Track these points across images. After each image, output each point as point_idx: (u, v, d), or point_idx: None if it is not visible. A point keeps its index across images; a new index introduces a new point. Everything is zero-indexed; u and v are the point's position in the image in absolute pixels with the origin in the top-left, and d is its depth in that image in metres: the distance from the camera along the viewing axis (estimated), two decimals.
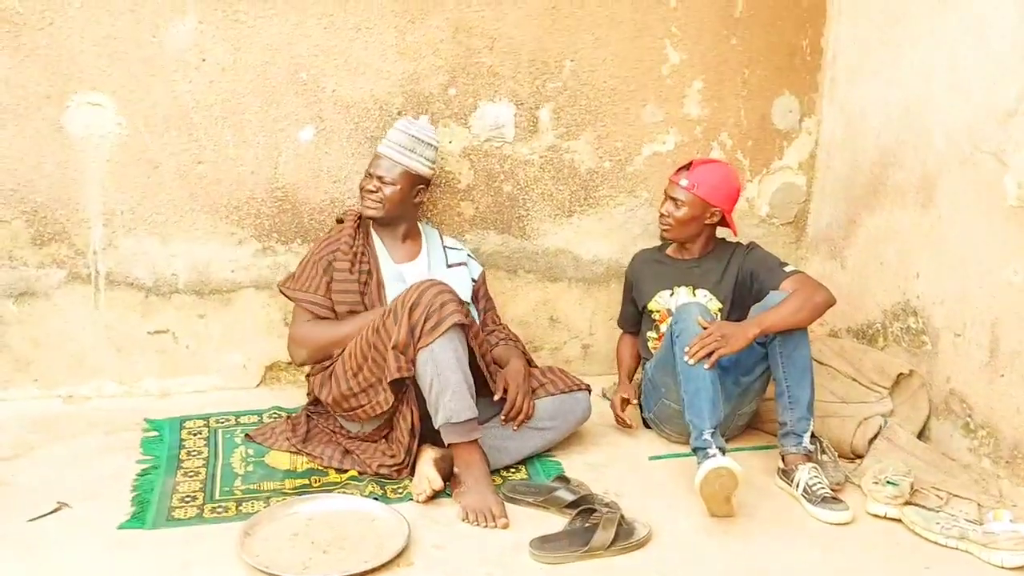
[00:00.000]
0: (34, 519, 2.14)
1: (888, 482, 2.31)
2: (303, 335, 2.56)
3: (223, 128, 2.80)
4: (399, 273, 2.65)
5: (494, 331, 2.78)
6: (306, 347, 2.56)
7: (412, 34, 2.89)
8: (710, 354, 2.36)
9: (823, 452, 2.53)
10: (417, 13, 2.87)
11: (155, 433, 2.64)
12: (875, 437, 2.64)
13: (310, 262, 2.62)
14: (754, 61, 3.20)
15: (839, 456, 2.59)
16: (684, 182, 2.70)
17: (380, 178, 2.62)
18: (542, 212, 3.15)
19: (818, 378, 2.57)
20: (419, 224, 2.79)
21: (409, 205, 2.68)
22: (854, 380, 2.78)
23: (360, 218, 2.69)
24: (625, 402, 2.76)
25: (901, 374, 2.73)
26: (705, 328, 2.41)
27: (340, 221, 2.71)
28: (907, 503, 2.31)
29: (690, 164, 2.74)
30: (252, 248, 2.92)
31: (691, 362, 2.37)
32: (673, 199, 2.71)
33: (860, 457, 2.62)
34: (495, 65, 2.98)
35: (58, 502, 2.21)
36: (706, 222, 2.74)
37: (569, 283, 3.22)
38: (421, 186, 2.68)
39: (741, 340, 2.38)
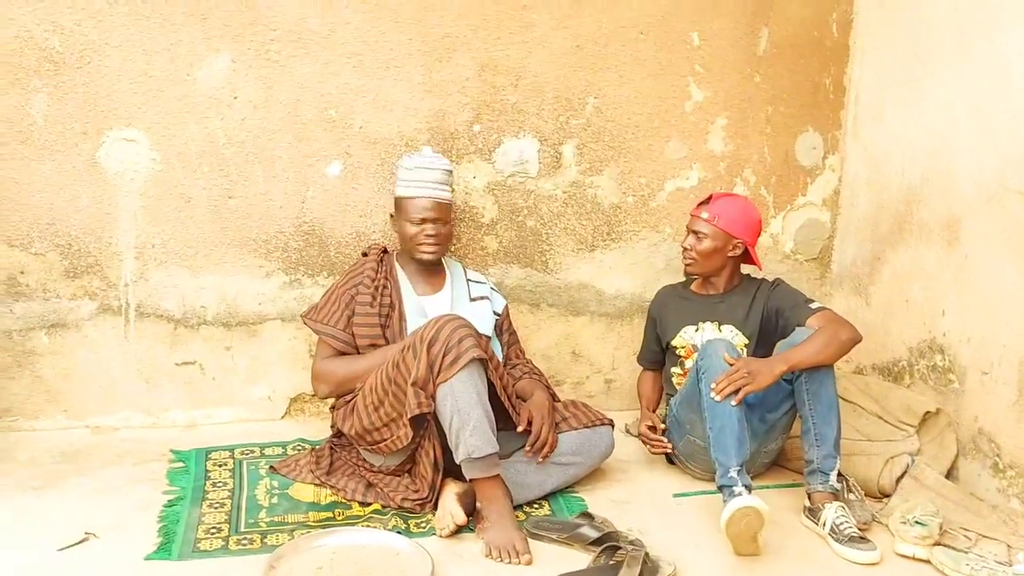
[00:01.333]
0: (62, 549, 2.16)
1: (916, 522, 2.29)
2: (324, 371, 2.58)
3: (254, 164, 2.85)
4: (421, 306, 2.67)
5: (517, 364, 2.79)
6: (327, 383, 2.58)
7: (439, 72, 2.94)
8: (737, 391, 2.35)
9: (849, 490, 2.51)
10: (444, 52, 2.93)
11: (181, 464, 2.67)
12: (902, 476, 2.61)
13: (333, 295, 2.65)
14: (778, 98, 3.22)
15: (865, 495, 2.57)
16: (705, 215, 2.71)
17: (435, 221, 2.65)
18: (565, 246, 3.17)
19: (844, 415, 2.55)
20: (443, 257, 2.82)
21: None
22: (880, 418, 2.76)
23: (384, 252, 2.73)
24: (652, 428, 2.75)
25: (928, 412, 2.70)
26: (732, 364, 2.41)
27: (365, 255, 2.75)
28: (936, 544, 2.28)
29: (710, 197, 2.76)
30: (279, 281, 2.96)
31: (718, 399, 2.36)
32: (695, 232, 2.73)
33: (887, 496, 2.60)
34: (520, 102, 3.03)
35: (86, 532, 2.23)
36: (729, 254, 2.74)
37: (592, 317, 3.23)
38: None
39: (768, 377, 2.38)
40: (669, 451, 2.68)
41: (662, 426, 2.76)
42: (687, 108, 3.16)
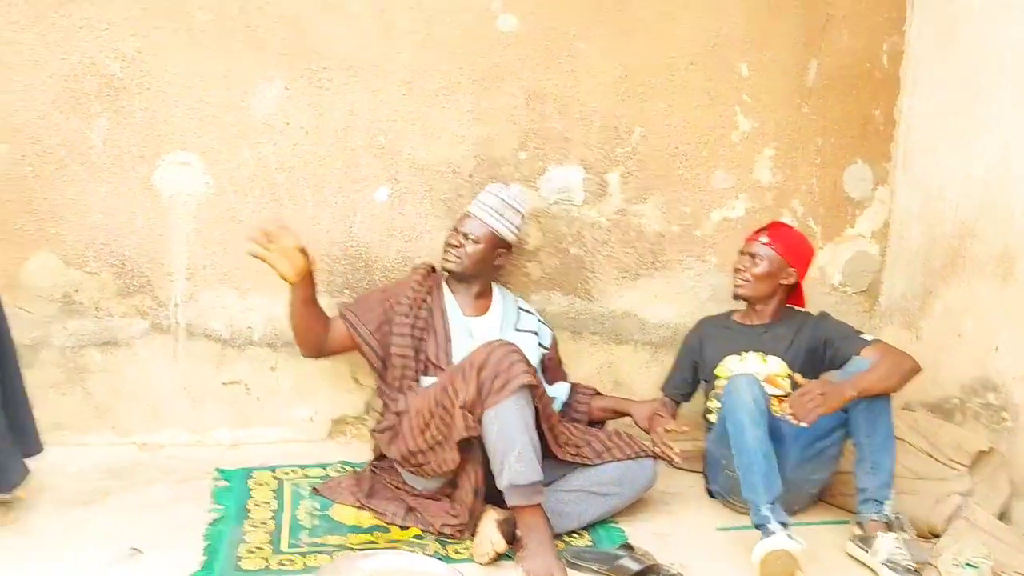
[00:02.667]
0: (108, 564, 2.20)
1: (967, 564, 2.23)
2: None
3: (303, 188, 2.90)
4: (468, 327, 2.69)
5: (576, 385, 2.88)
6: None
7: (487, 100, 2.97)
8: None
9: (901, 528, 2.44)
10: (493, 81, 2.96)
11: (225, 483, 2.70)
12: (953, 516, 2.54)
13: (374, 294, 2.74)
14: (827, 129, 3.20)
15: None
16: (764, 239, 2.74)
17: (466, 235, 2.69)
18: (608, 274, 3.16)
19: None
20: (493, 285, 2.84)
21: (488, 266, 2.74)
22: (930, 456, 2.70)
23: (432, 270, 2.75)
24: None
25: (980, 451, 2.64)
26: (803, 385, 2.40)
27: (415, 270, 2.79)
28: None
29: (769, 225, 2.79)
30: (325, 304, 2.96)
31: (794, 422, 2.36)
32: (751, 255, 2.73)
33: (936, 536, 2.53)
34: (566, 130, 3.04)
35: (131, 548, 2.26)
36: (781, 282, 2.74)
37: (635, 346, 3.22)
38: (502, 250, 2.75)
39: (837, 400, 2.36)
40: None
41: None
42: (734, 138, 3.15)
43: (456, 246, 2.70)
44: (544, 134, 3.03)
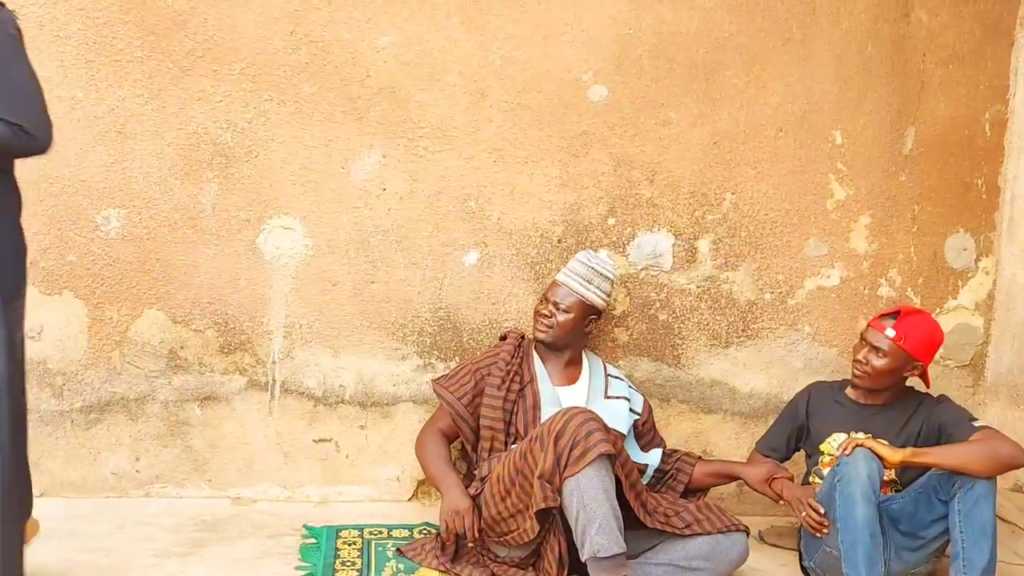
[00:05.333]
0: None
1: None
2: (421, 445, 2.75)
3: (396, 251, 2.99)
4: (556, 396, 2.68)
5: (676, 451, 2.87)
6: (416, 451, 2.77)
7: (575, 167, 3.02)
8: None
9: None
10: (580, 147, 3.01)
11: (313, 540, 2.74)
12: None
13: (465, 368, 2.75)
14: (924, 198, 3.13)
15: None
16: (891, 333, 2.57)
17: (556, 304, 2.72)
18: (697, 342, 3.13)
19: (999, 536, 2.36)
20: (583, 352, 2.84)
21: (579, 334, 2.75)
22: None
23: (523, 339, 2.77)
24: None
25: None
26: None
27: (503, 338, 2.80)
28: None
29: (898, 312, 2.63)
30: (413, 364, 3.04)
31: (837, 452, 2.36)
32: (875, 348, 2.59)
33: None
34: (654, 196, 3.06)
35: None
36: (904, 374, 2.62)
37: (724, 416, 3.15)
38: (593, 316, 2.76)
39: (887, 450, 2.34)
40: (826, 532, 2.47)
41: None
42: (828, 206, 3.10)
43: (547, 316, 2.72)
44: (633, 200, 3.05)
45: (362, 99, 2.91)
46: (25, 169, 2.18)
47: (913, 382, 2.73)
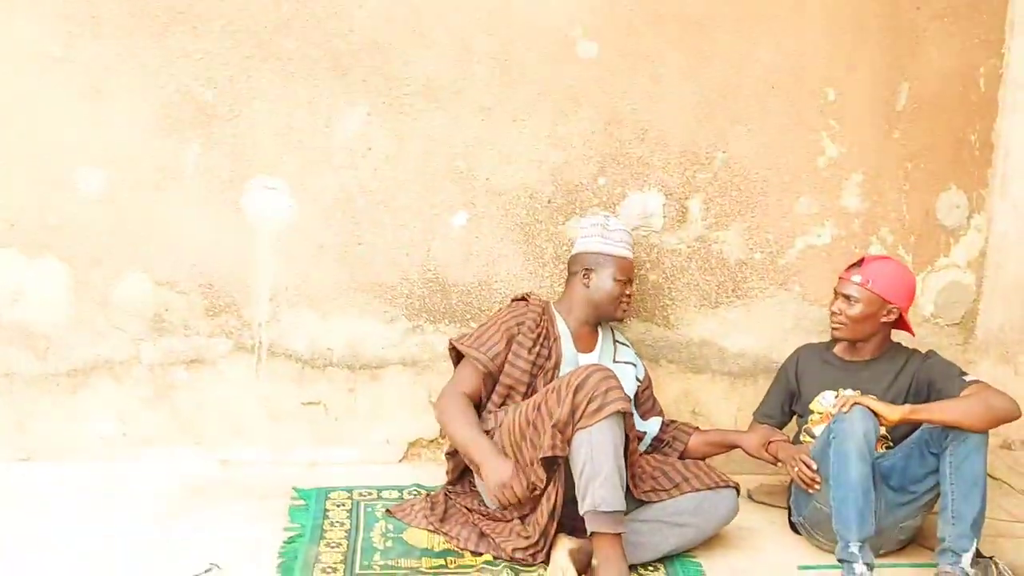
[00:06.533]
0: None
1: None
2: (446, 410, 2.55)
3: (383, 212, 2.95)
4: (576, 360, 2.67)
5: (675, 421, 2.85)
6: (440, 414, 2.58)
7: (564, 126, 2.97)
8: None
9: (1000, 575, 2.30)
10: (570, 106, 2.96)
11: (302, 502, 2.73)
12: None
13: (494, 325, 2.64)
14: (917, 155, 3.09)
15: None
16: (857, 278, 2.59)
17: (632, 282, 2.75)
18: (687, 302, 3.11)
19: (990, 494, 2.37)
20: None
21: None
22: None
23: (546, 303, 2.74)
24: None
25: None
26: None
27: (521, 299, 2.74)
28: None
29: (861, 260, 2.64)
30: (403, 327, 3.02)
31: (833, 410, 2.34)
32: (846, 296, 2.60)
33: None
34: (645, 155, 3.02)
35: (210, 563, 2.31)
36: (882, 320, 2.61)
37: (713, 376, 3.14)
38: None
39: (885, 407, 2.33)
40: (818, 488, 2.48)
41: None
42: (820, 163, 3.07)
43: (630, 295, 2.74)
44: (623, 159, 3.01)
45: (346, 56, 2.85)
46: (2, 130, 2.14)
47: (900, 338, 2.72)
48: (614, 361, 2.77)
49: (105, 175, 2.82)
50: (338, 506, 2.72)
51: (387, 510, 2.67)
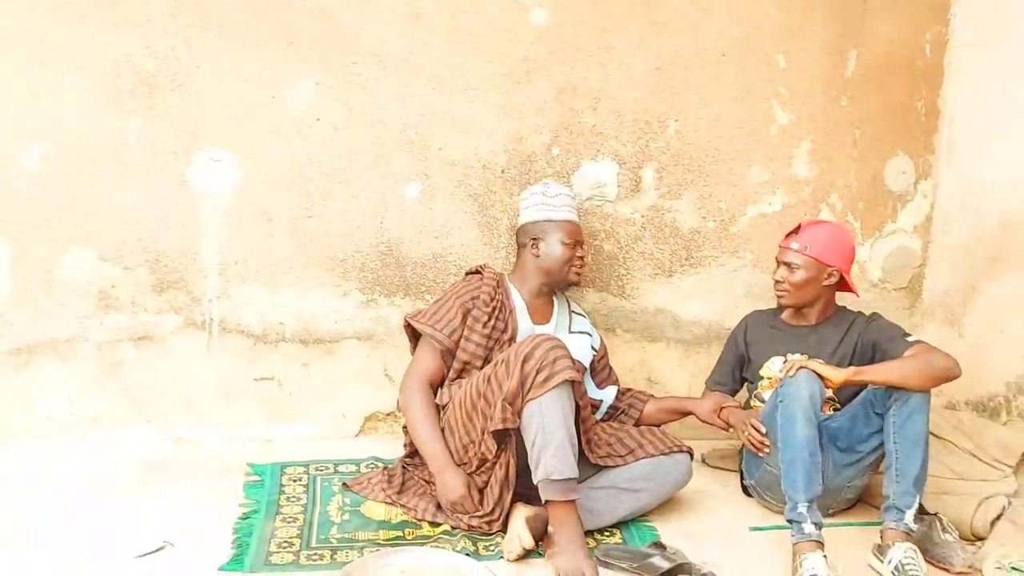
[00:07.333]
0: (140, 556, 2.22)
1: (1013, 568, 2.16)
2: (409, 404, 2.54)
3: (334, 184, 2.91)
4: (533, 333, 2.66)
5: (630, 390, 2.88)
6: (403, 408, 2.58)
7: (517, 95, 2.95)
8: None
9: (944, 530, 2.37)
10: (522, 75, 2.94)
11: (257, 478, 2.71)
12: (998, 518, 2.46)
13: (448, 301, 2.62)
14: (865, 122, 3.13)
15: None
16: (795, 245, 2.63)
17: (582, 244, 2.74)
18: (642, 271, 3.12)
19: (934, 452, 2.44)
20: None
21: None
22: (974, 456, 2.62)
23: (500, 276, 2.73)
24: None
25: None
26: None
27: (475, 272, 2.73)
28: None
29: (798, 227, 2.68)
30: (356, 300, 2.99)
31: (780, 374, 2.38)
32: (786, 264, 2.64)
33: (980, 539, 2.45)
34: (598, 125, 3.01)
35: (163, 541, 2.28)
36: (824, 284, 2.65)
37: (668, 344, 3.17)
38: None
39: (830, 369, 2.37)
40: (768, 452, 2.52)
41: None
42: (771, 131, 3.09)
43: (583, 257, 2.73)
44: (576, 129, 3.00)
45: (292, 23, 2.79)
46: None
47: (845, 301, 2.77)
48: (570, 331, 2.77)
49: (45, 148, 2.74)
50: (294, 481, 2.70)
51: (344, 484, 2.66)
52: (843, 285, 2.68)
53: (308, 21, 2.80)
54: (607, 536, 2.44)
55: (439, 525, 2.45)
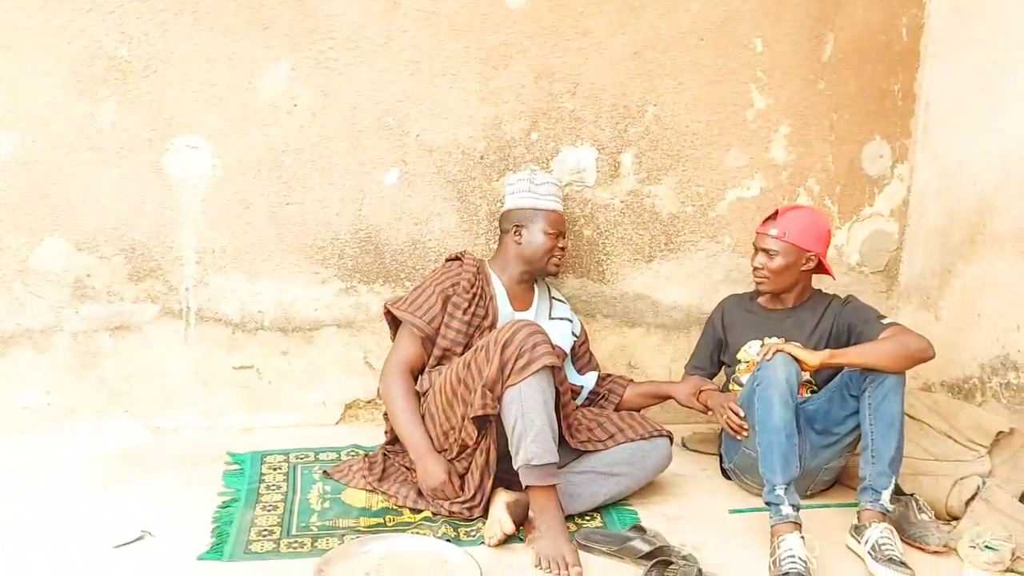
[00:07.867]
0: (119, 546, 2.20)
1: (987, 547, 2.18)
2: (390, 393, 2.54)
3: (311, 171, 2.89)
4: (513, 319, 2.66)
5: (610, 375, 2.89)
6: (383, 395, 2.58)
7: (495, 80, 2.94)
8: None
9: (920, 511, 2.40)
10: (500, 59, 2.93)
11: (237, 467, 2.70)
12: (972, 498, 2.49)
13: (428, 288, 2.61)
14: (842, 105, 3.14)
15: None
16: (773, 231, 2.63)
17: (564, 235, 2.74)
18: (621, 257, 3.13)
19: (910, 434, 2.46)
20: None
21: None
22: (949, 437, 2.64)
23: (480, 262, 2.72)
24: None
25: (1001, 432, 2.58)
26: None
27: (455, 259, 2.71)
28: (1007, 570, 2.17)
29: (775, 212, 2.68)
30: (335, 288, 2.98)
31: (758, 358, 2.40)
32: (765, 251, 2.65)
33: (955, 519, 2.48)
34: (577, 110, 3.00)
35: (142, 531, 2.27)
36: (802, 269, 2.66)
37: (648, 329, 3.18)
38: None
39: (806, 353, 2.39)
40: (746, 435, 2.53)
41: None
42: (749, 116, 3.09)
43: (564, 248, 2.72)
44: (555, 114, 2.99)
45: (266, 8, 2.76)
46: None
47: (821, 284, 2.78)
48: (550, 318, 2.77)
49: (18, 137, 2.70)
50: (274, 469, 2.70)
51: (324, 472, 2.66)
52: (820, 267, 2.70)
53: (283, 6, 2.77)
54: (587, 520, 2.46)
55: (420, 511, 2.45)
